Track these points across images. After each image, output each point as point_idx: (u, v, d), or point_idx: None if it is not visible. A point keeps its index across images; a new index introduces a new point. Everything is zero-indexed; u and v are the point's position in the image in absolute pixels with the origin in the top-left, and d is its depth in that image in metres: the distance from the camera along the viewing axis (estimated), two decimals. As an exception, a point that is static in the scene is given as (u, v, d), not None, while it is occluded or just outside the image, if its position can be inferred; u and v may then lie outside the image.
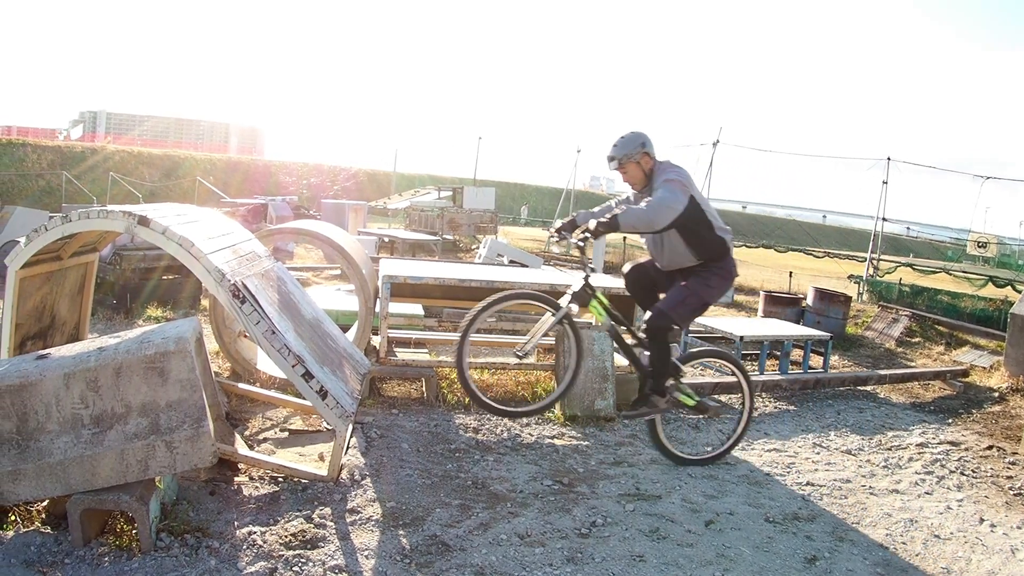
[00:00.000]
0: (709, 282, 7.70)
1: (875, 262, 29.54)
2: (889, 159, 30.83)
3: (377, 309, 9.93)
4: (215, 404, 7.50)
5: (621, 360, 10.55)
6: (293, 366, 6.62)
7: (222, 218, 8.27)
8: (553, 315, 7.65)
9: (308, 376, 6.65)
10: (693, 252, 7.64)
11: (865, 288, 25.32)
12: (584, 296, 7.82)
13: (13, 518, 6.09)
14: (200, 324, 6.80)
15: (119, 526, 6.01)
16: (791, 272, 26.60)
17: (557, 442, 8.95)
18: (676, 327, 7.92)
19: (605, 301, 7.96)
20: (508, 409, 8.15)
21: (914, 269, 31.20)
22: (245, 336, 10.07)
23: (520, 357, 7.89)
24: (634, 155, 7.67)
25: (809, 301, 18.12)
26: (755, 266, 34.07)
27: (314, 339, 7.52)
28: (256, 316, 6.62)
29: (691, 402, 8.26)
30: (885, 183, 30.60)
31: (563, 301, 7.69)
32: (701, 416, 9.57)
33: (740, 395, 8.77)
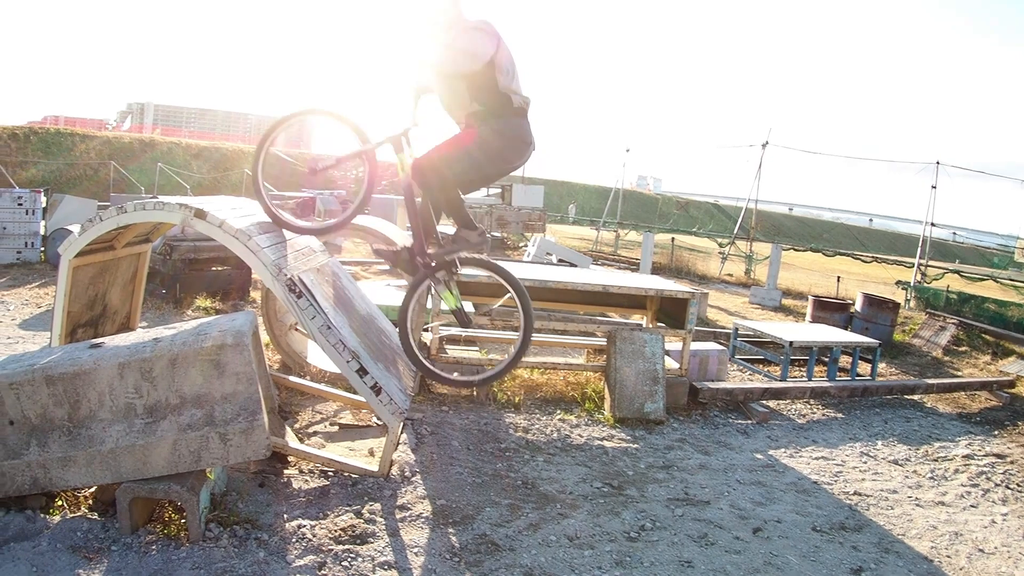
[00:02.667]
0: (473, 128, 6.93)
1: (923, 268, 29.32)
2: (938, 163, 30.61)
3: (429, 306, 9.91)
4: (268, 397, 7.53)
5: (672, 363, 10.51)
6: (348, 362, 6.62)
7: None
8: (361, 144, 7.37)
9: (363, 372, 6.66)
10: (471, 99, 6.93)
11: (912, 295, 25.12)
12: (398, 142, 7.30)
13: (60, 503, 6.15)
14: (256, 317, 6.80)
15: (167, 515, 6.06)
16: (839, 277, 26.46)
17: (607, 444, 8.93)
18: (437, 174, 7.02)
19: (413, 157, 7.36)
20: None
21: (961, 276, 30.96)
22: (296, 329, 10.10)
23: (315, 170, 7.74)
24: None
25: (858, 307, 17.98)
26: (803, 270, 33.94)
27: (368, 335, 7.53)
28: (312, 311, 6.63)
29: (452, 303, 7.73)
30: (934, 187, 30.38)
31: (374, 136, 7.38)
32: (460, 328, 8.76)
33: (517, 315, 7.93)
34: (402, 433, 7.99)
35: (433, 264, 7.15)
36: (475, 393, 10.02)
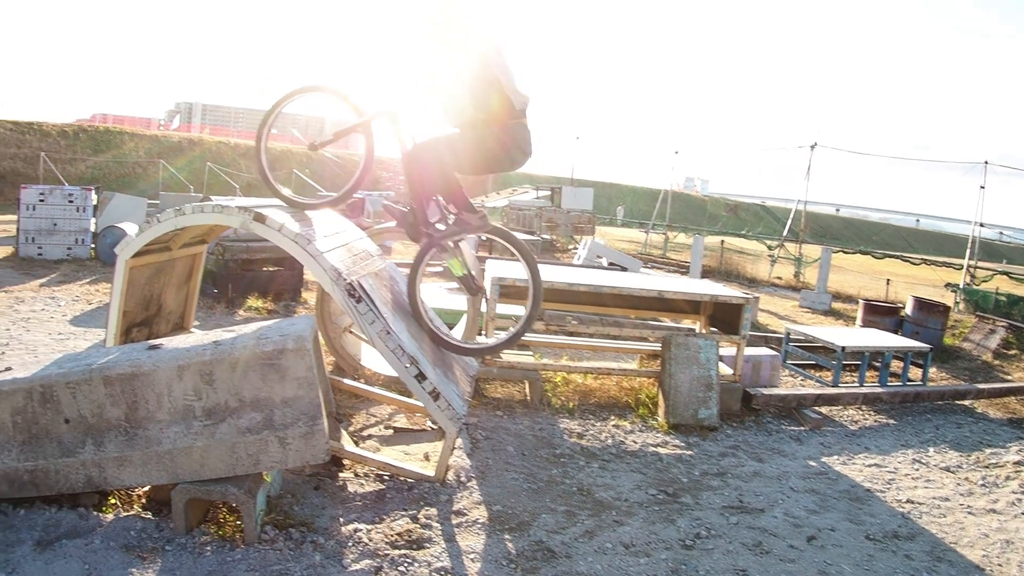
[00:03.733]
0: (477, 132, 6.96)
1: (972, 270, 29.07)
2: (987, 163, 30.38)
3: (483, 309, 9.92)
4: (327, 401, 7.55)
5: (725, 369, 10.47)
6: (407, 367, 6.64)
7: (334, 215, 8.30)
8: (358, 118, 7.42)
9: (421, 377, 6.67)
10: (473, 106, 6.90)
11: (962, 297, 24.91)
12: (394, 115, 7.41)
13: (113, 501, 6.20)
14: (315, 321, 6.81)
15: (221, 516, 6.10)
16: (888, 280, 26.29)
17: (661, 451, 8.91)
18: (434, 162, 7.13)
19: (409, 128, 7.43)
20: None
21: (1011, 278, 30.70)
22: (350, 331, 10.12)
23: (315, 147, 7.96)
24: None
25: (908, 311, 17.83)
26: (852, 272, 33.74)
27: (425, 339, 7.53)
28: (371, 316, 6.64)
29: (458, 270, 7.60)
30: (983, 188, 30.16)
31: (371, 107, 7.46)
32: (467, 294, 8.55)
33: (527, 285, 7.60)
34: (457, 438, 8.00)
35: (438, 236, 7.23)
36: (529, 398, 10.03)
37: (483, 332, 10.18)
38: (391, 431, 8.49)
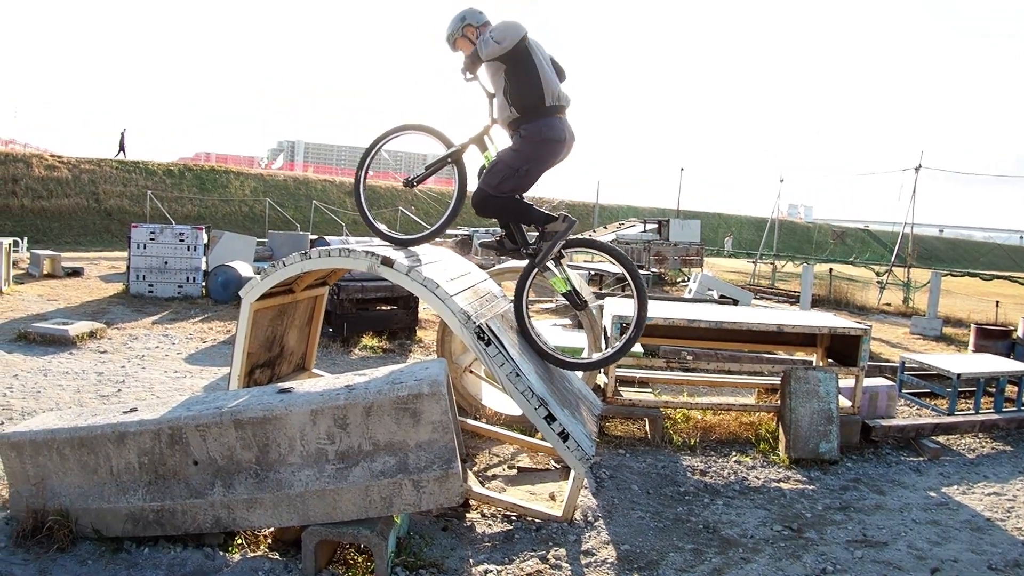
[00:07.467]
0: (514, 146, 7.40)
1: (1080, 287, 28.54)
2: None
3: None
4: (458, 444, 7.63)
5: (843, 401, 10.41)
6: (536, 408, 6.74)
7: (458, 258, 8.42)
8: (447, 149, 7.70)
9: (551, 419, 6.75)
10: (511, 101, 7.31)
11: (1071, 316, 24.48)
12: (481, 142, 7.69)
13: (239, 541, 6.33)
14: (447, 365, 6.90)
15: (349, 557, 6.19)
16: (997, 302, 25.90)
17: (783, 486, 8.89)
18: (494, 195, 7.45)
19: (495, 153, 7.63)
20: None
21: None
22: (471, 371, 10.21)
23: (410, 184, 7.98)
24: (457, 32, 7.52)
25: (1020, 333, 17.52)
26: (959, 295, 33.19)
27: (552, 380, 7.60)
28: (500, 358, 6.74)
29: (562, 287, 7.77)
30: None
31: (458, 140, 7.70)
32: (575, 311, 8.65)
33: (631, 295, 7.78)
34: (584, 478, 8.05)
35: (538, 258, 7.43)
36: (650, 435, 10.06)
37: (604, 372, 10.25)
38: (515, 471, 8.59)
